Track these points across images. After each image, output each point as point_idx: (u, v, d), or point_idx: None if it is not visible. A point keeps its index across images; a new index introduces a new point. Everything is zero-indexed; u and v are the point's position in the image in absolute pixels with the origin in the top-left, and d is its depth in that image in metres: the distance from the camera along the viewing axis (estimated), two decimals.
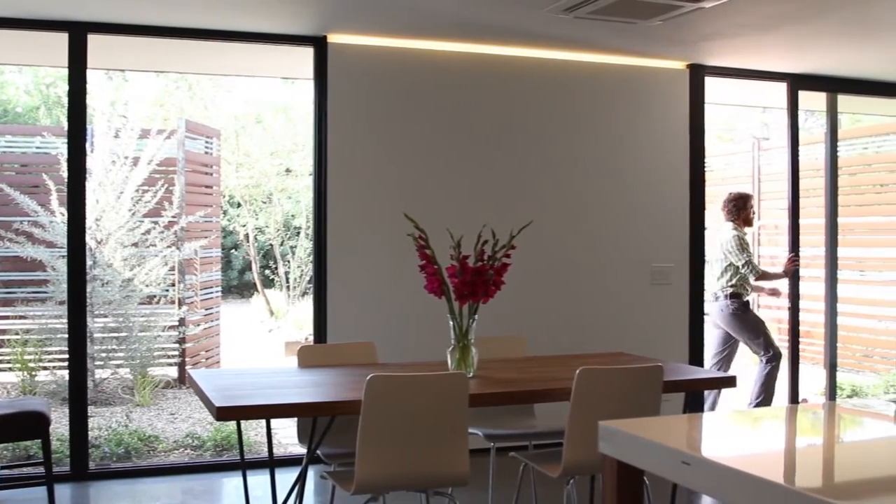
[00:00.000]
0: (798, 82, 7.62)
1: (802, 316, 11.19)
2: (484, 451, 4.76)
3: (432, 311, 4.62)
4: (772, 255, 11.66)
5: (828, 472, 2.25)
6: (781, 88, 7.65)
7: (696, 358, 6.94)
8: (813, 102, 9.30)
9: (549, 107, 6.61)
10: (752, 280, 7.43)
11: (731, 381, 4.46)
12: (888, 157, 9.92)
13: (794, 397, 7.87)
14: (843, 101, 8.29)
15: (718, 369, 7.41)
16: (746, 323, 7.44)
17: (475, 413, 4.36)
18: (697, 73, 6.93)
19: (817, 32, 5.95)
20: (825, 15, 5.53)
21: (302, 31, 5.95)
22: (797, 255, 7.78)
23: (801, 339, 11.14)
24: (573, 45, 6.37)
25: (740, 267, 7.30)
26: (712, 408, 7.39)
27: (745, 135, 15.98)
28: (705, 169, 7.26)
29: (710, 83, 7.04)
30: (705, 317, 7.30)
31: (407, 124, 6.28)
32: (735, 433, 2.80)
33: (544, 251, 6.48)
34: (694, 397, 6.23)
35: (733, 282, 7.34)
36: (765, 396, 7.35)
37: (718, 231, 7.65)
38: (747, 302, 7.51)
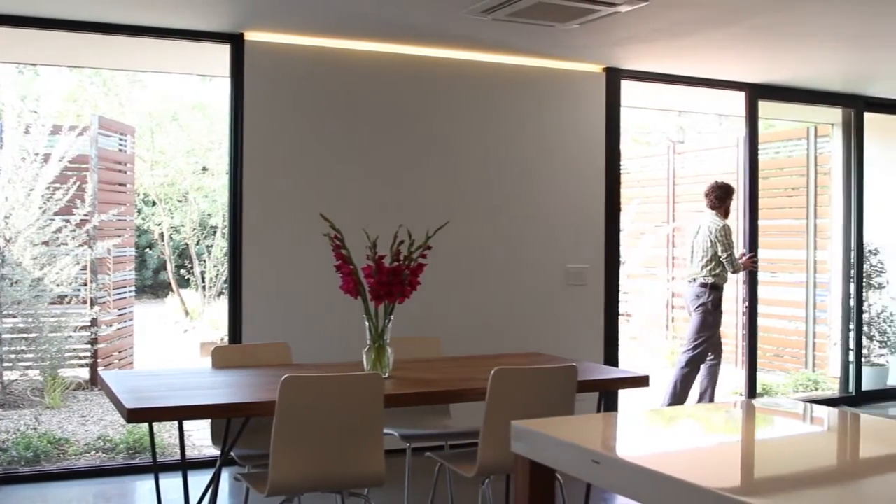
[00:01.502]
0: (757, 92, 7.87)
1: None
2: (400, 452, 4.76)
3: (348, 311, 4.61)
4: (684, 256, 11.84)
5: (736, 469, 2.29)
6: (696, 93, 7.78)
7: (611, 358, 7.02)
8: (729, 107, 9.49)
9: (467, 108, 6.63)
10: (728, 273, 7.67)
11: (643, 381, 4.51)
12: (799, 161, 10.14)
13: (751, 395, 8.15)
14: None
15: (711, 355, 7.74)
16: (707, 319, 7.64)
17: (391, 413, 4.35)
18: (613, 77, 7.02)
19: (730, 38, 6.07)
20: (736, 22, 5.64)
21: (218, 27, 5.88)
22: (755, 255, 7.96)
23: None
24: (491, 47, 6.40)
25: (723, 258, 7.53)
26: (710, 399, 7.67)
27: (660, 138, 16.20)
28: (621, 171, 7.35)
29: (626, 86, 7.13)
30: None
31: (324, 124, 6.25)
32: (648, 432, 2.84)
33: (460, 252, 6.50)
34: (608, 396, 6.29)
35: (717, 271, 7.59)
36: (676, 399, 7.46)
37: (701, 219, 7.82)
38: (720, 300, 7.71)
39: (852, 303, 8.72)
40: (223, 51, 6.03)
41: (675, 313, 12.00)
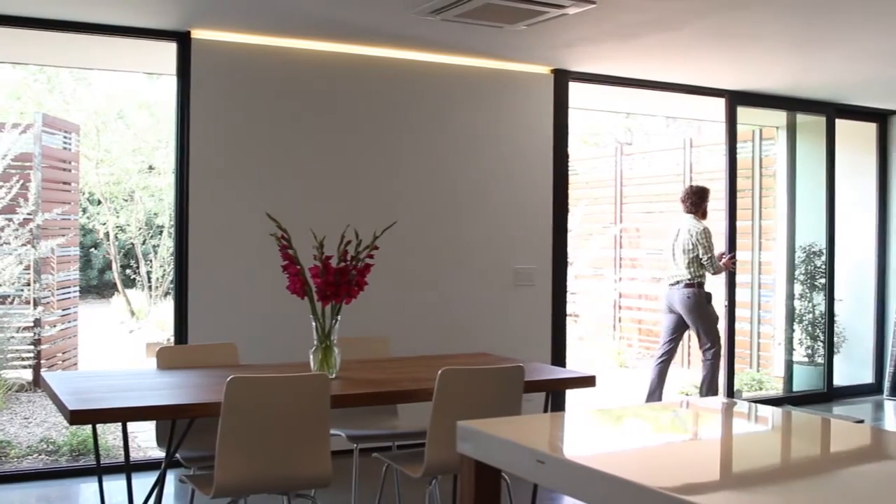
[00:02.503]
0: (736, 98, 8.09)
1: (662, 317, 11.50)
2: (347, 453, 4.75)
3: (295, 311, 4.59)
4: (632, 257, 11.95)
5: (681, 469, 2.31)
6: (643, 95, 7.85)
7: (559, 358, 7.06)
8: (676, 109, 9.59)
9: (415, 108, 6.63)
10: (709, 274, 7.89)
11: (590, 381, 4.53)
12: (744, 163, 10.25)
13: (730, 393, 8.30)
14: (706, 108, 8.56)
15: (665, 353, 8.06)
16: (706, 314, 7.88)
17: (338, 414, 4.34)
18: (561, 78, 7.05)
19: (675, 42, 6.12)
20: (682, 26, 5.70)
21: (165, 25, 5.82)
22: (734, 255, 8.14)
23: (660, 339, 11.44)
24: (440, 48, 6.40)
25: (704, 261, 7.75)
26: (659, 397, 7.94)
27: (609, 139, 16.32)
28: (569, 172, 7.40)
29: (573, 88, 7.18)
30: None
31: (271, 123, 6.21)
32: (593, 432, 2.86)
33: (408, 252, 6.49)
34: (556, 396, 6.32)
35: (700, 272, 7.81)
36: (710, 386, 7.87)
37: (680, 223, 8.01)
38: (710, 294, 7.92)
39: (796, 304, 8.85)
40: (170, 49, 5.97)
41: (622, 314, 12.10)
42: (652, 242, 11.64)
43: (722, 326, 8.00)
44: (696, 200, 7.92)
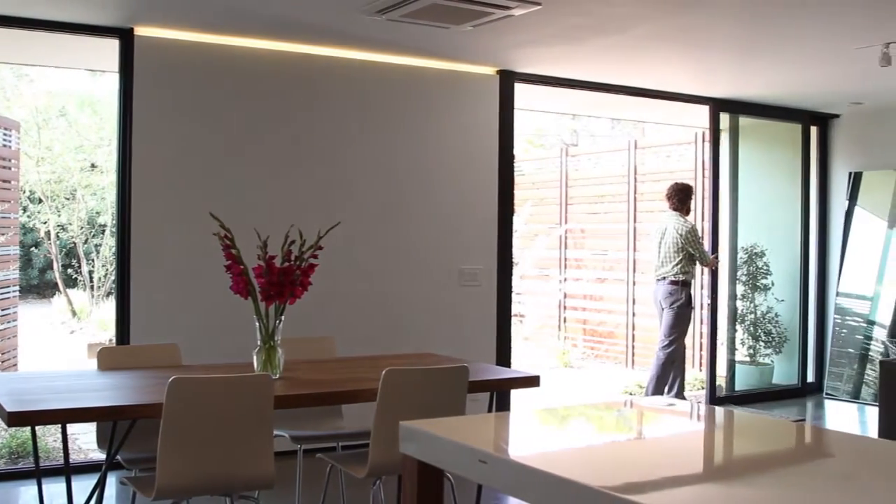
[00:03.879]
0: (736, 108, 8.42)
1: (606, 317, 11.63)
2: (291, 453, 4.73)
3: (239, 311, 4.56)
4: (577, 257, 12.03)
5: (623, 468, 2.32)
6: (588, 97, 7.90)
7: (504, 358, 7.08)
8: (622, 111, 9.67)
9: (361, 108, 6.61)
10: (702, 266, 8.23)
11: (534, 381, 4.55)
12: (688, 165, 10.37)
13: (712, 394, 8.49)
14: (645, 110, 8.67)
15: (675, 345, 8.09)
16: (681, 314, 8.06)
17: (282, 415, 4.32)
18: (507, 79, 7.08)
19: (619, 45, 6.17)
20: (624, 29, 5.75)
21: (107, 21, 5.75)
22: (717, 256, 8.45)
23: (605, 340, 11.57)
24: (386, 48, 6.40)
25: (696, 256, 8.00)
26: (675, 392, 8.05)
27: (555, 140, 16.40)
28: (515, 173, 7.43)
29: (520, 89, 7.21)
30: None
31: (215, 121, 6.16)
32: (537, 432, 2.87)
33: (353, 252, 6.48)
34: (500, 396, 6.34)
35: (687, 269, 8.01)
36: (657, 385, 8.02)
37: (666, 221, 8.20)
38: (691, 297, 8.16)
39: (738, 304, 8.96)
40: (112, 45, 5.90)
41: (567, 314, 12.17)
42: (597, 243, 11.73)
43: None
44: (682, 197, 8.12)
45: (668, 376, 8.04)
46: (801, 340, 9.37)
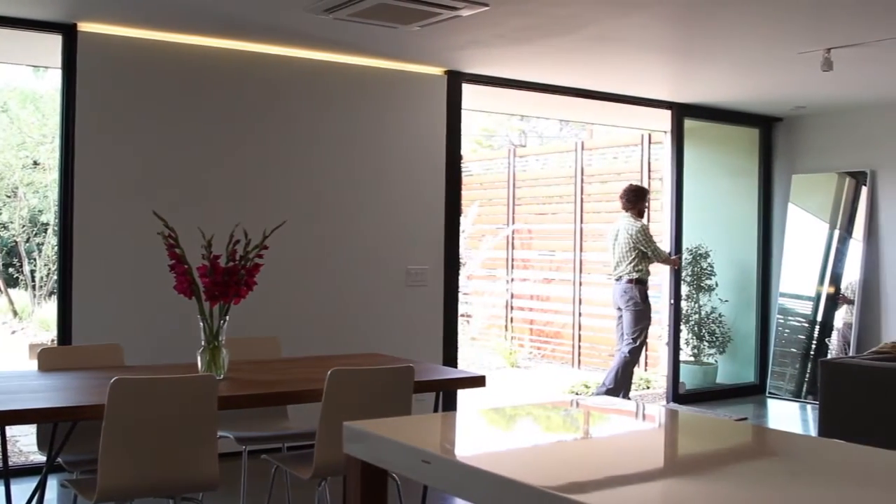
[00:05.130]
0: (681, 110, 8.51)
1: (553, 317, 11.69)
2: (236, 455, 4.69)
3: (183, 311, 4.52)
4: (524, 258, 12.08)
5: (566, 468, 2.33)
6: (538, 98, 7.92)
7: (450, 358, 7.09)
8: (570, 113, 9.72)
9: (307, 107, 6.58)
10: (650, 266, 8.26)
11: (480, 381, 4.56)
12: (635, 167, 10.45)
13: (674, 391, 8.58)
14: (592, 112, 8.73)
15: (638, 342, 8.21)
16: (639, 312, 8.18)
17: (227, 416, 4.29)
18: (455, 80, 7.09)
19: (567, 47, 6.21)
20: (571, 31, 5.78)
21: (50, 17, 5.66)
22: (680, 256, 8.69)
23: (551, 340, 11.63)
24: (333, 47, 6.37)
25: (650, 253, 8.15)
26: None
27: (503, 141, 16.45)
28: (463, 173, 7.44)
29: (469, 89, 7.22)
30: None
31: (160, 120, 6.10)
32: (482, 432, 2.87)
33: (299, 252, 6.44)
34: (447, 396, 6.35)
35: (640, 267, 8.16)
36: (616, 385, 8.07)
37: (619, 222, 8.36)
38: (646, 293, 8.27)
39: (683, 304, 9.04)
40: (55, 41, 5.82)
41: (514, 314, 12.21)
42: (544, 244, 11.78)
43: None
44: (632, 198, 8.30)
45: (630, 375, 8.16)
46: (746, 340, 9.50)
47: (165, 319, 5.82)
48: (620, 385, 8.08)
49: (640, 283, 8.16)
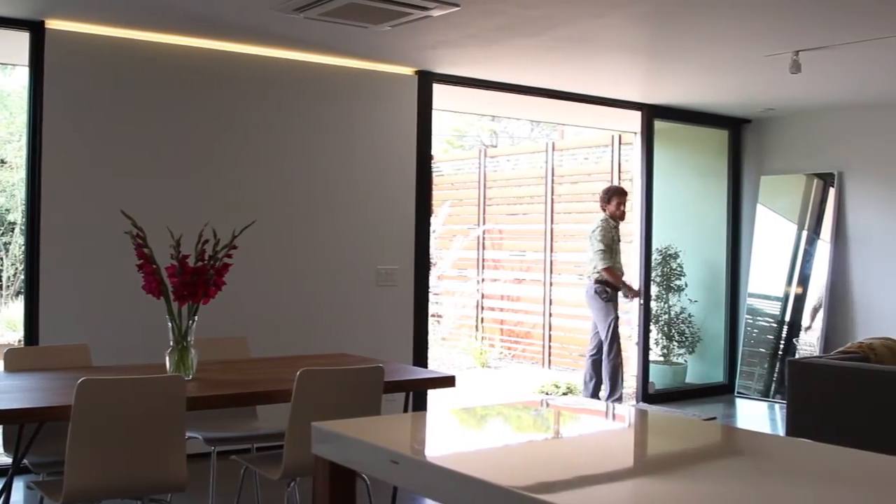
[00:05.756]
0: (651, 111, 8.56)
1: (523, 317, 11.71)
2: (205, 456, 4.67)
3: (151, 311, 4.49)
4: (494, 258, 12.09)
5: (535, 468, 2.33)
6: (509, 99, 7.92)
7: (420, 358, 7.08)
8: (541, 113, 9.73)
9: (279, 107, 6.56)
10: (598, 267, 8.09)
11: (450, 381, 4.56)
12: (605, 167, 10.48)
13: (644, 391, 8.61)
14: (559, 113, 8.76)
15: (593, 347, 8.27)
16: (601, 311, 8.15)
17: (195, 416, 4.27)
18: (425, 80, 7.08)
19: (537, 47, 6.22)
20: (541, 32, 5.80)
21: (18, 13, 5.60)
22: (639, 293, 8.61)
23: (522, 340, 11.65)
24: (304, 46, 6.36)
25: (595, 250, 8.11)
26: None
27: (475, 141, 16.46)
28: (434, 173, 7.43)
29: (440, 90, 7.22)
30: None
31: (129, 118, 6.05)
32: (451, 432, 2.87)
33: (268, 252, 6.42)
34: (417, 397, 6.35)
35: (599, 268, 8.09)
36: (614, 389, 8.00)
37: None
38: (608, 292, 8.15)
39: (653, 305, 9.08)
40: (23, 38, 5.76)
41: (484, 314, 12.22)
42: (515, 244, 11.80)
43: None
44: (604, 197, 8.29)
45: (619, 368, 8.07)
46: (715, 340, 9.56)
47: (133, 320, 5.78)
48: (616, 386, 8.03)
49: (600, 283, 8.09)
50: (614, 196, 8.27)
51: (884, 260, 8.51)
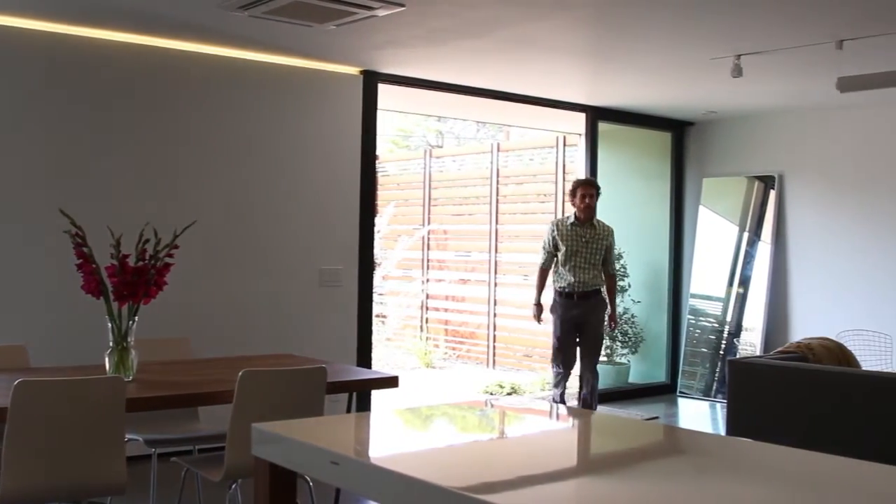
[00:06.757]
0: (596, 113, 8.60)
1: (468, 318, 11.72)
2: (145, 458, 4.62)
3: (91, 312, 4.43)
4: (439, 258, 12.10)
5: (477, 468, 2.33)
6: (455, 99, 7.92)
7: (364, 359, 7.06)
8: (487, 114, 9.75)
9: (221, 105, 6.50)
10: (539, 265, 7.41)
11: (393, 382, 4.55)
12: (550, 168, 10.53)
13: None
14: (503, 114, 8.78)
15: (562, 362, 7.35)
16: (554, 322, 7.38)
17: (135, 418, 4.20)
18: (370, 80, 7.06)
19: (483, 48, 6.23)
20: (487, 34, 5.81)
21: None
22: (616, 326, 7.82)
23: (466, 340, 11.66)
24: (248, 44, 6.31)
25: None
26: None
27: (420, 142, 16.46)
28: (379, 173, 7.41)
29: (386, 90, 7.21)
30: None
31: (67, 116, 5.95)
32: (393, 432, 2.87)
33: (211, 251, 6.36)
34: (361, 397, 6.33)
35: (558, 272, 7.32)
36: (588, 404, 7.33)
37: None
38: (557, 304, 7.35)
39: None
40: None
41: (429, 315, 12.22)
42: (460, 244, 11.82)
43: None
44: (570, 191, 7.47)
45: (559, 383, 7.35)
46: (658, 340, 9.64)
47: (72, 320, 5.69)
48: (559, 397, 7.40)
49: (556, 292, 7.34)
50: (578, 188, 7.35)
51: (822, 261, 8.65)
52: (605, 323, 7.52)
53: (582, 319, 7.32)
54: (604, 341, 7.92)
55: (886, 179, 8.26)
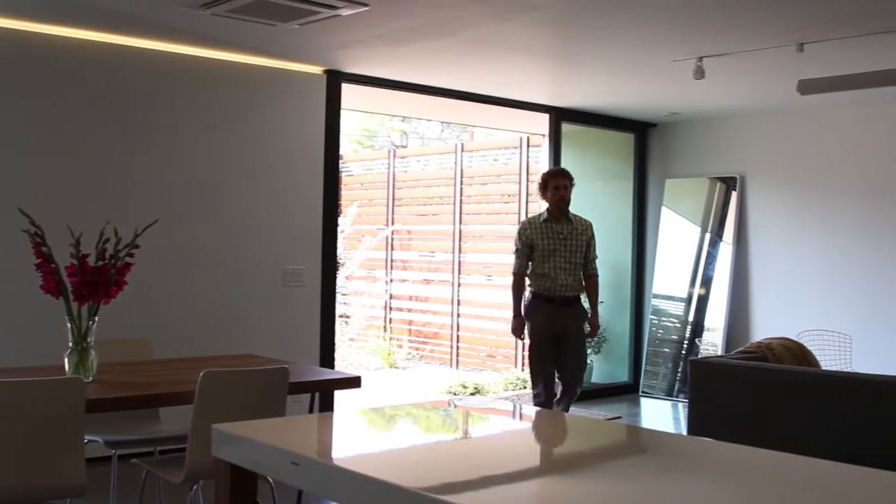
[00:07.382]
0: (560, 114, 8.65)
1: (432, 318, 11.72)
2: (106, 459, 4.58)
3: (50, 312, 4.38)
4: (403, 259, 12.09)
5: (439, 468, 2.33)
6: (419, 99, 7.92)
7: (327, 359, 7.04)
8: (451, 115, 9.76)
9: (184, 104, 6.45)
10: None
11: (355, 382, 4.53)
12: (514, 169, 10.56)
13: None
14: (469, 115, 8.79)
15: (542, 382, 6.67)
16: (530, 326, 6.63)
17: (95, 419, 4.17)
18: (334, 79, 7.04)
19: (447, 49, 6.23)
20: (451, 34, 5.81)
21: None
22: (596, 333, 6.96)
23: (430, 340, 11.66)
24: (211, 43, 6.27)
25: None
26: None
27: (384, 142, 16.44)
28: (343, 173, 7.39)
29: (350, 90, 7.19)
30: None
31: (28, 114, 5.88)
32: (355, 432, 2.86)
33: (173, 251, 6.31)
34: (324, 398, 6.31)
35: (533, 273, 6.61)
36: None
37: None
38: (534, 307, 6.62)
39: None
40: None
41: (393, 315, 12.21)
42: (423, 244, 11.82)
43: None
44: (541, 185, 6.81)
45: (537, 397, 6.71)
46: (621, 340, 9.69)
47: (31, 320, 5.62)
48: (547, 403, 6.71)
49: (532, 295, 6.63)
50: (550, 179, 6.72)
51: (783, 261, 8.73)
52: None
53: (560, 331, 6.57)
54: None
55: (847, 181, 8.36)
